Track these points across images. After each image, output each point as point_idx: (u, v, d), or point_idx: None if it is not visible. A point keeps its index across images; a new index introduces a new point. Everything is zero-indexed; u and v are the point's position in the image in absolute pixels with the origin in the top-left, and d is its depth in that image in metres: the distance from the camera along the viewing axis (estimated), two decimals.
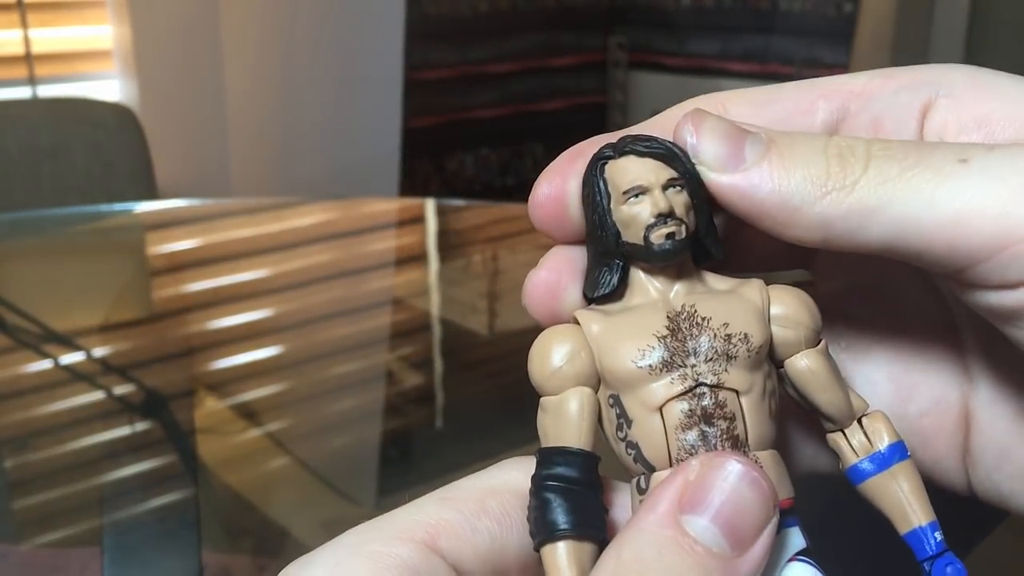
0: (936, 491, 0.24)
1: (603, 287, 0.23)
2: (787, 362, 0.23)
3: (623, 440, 0.22)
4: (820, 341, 0.23)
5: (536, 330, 0.24)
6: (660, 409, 0.22)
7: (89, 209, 1.28)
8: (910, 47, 2.38)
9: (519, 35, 2.38)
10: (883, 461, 0.23)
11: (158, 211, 1.29)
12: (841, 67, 2.20)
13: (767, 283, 0.24)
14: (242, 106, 1.82)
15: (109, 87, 1.73)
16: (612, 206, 0.23)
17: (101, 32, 1.72)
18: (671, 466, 0.22)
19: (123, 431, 0.74)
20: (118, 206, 1.29)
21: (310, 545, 0.21)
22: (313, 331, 0.95)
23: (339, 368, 0.86)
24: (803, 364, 0.23)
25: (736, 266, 0.26)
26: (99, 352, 0.88)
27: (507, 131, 2.41)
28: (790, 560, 0.22)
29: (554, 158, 0.26)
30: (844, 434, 0.24)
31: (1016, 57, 2.34)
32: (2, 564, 0.58)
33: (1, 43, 1.63)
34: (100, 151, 1.33)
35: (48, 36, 1.67)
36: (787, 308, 0.23)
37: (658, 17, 2.49)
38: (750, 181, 0.22)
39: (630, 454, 0.22)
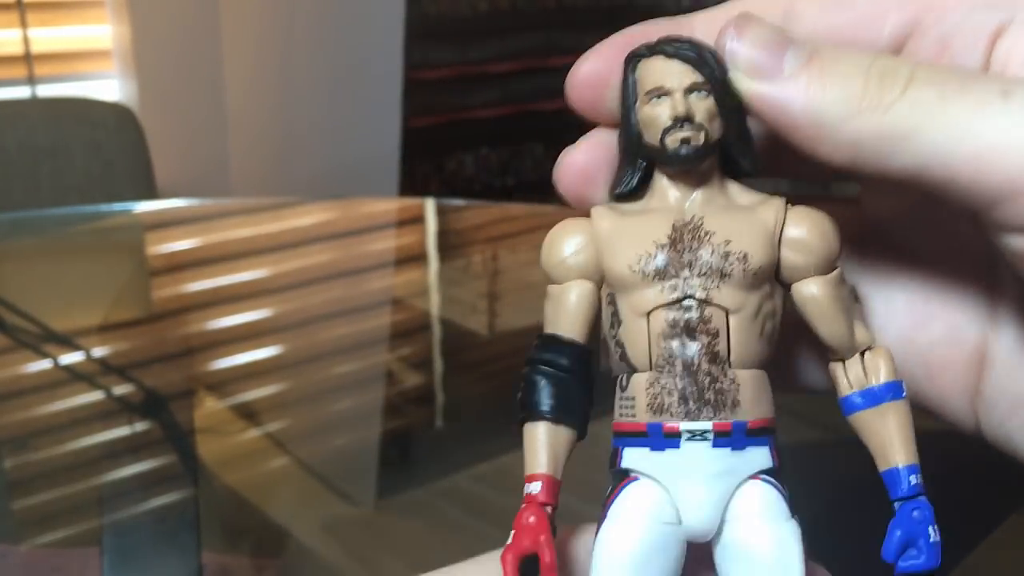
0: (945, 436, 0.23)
1: (624, 185, 0.24)
2: (794, 287, 0.23)
3: (614, 338, 0.23)
4: (834, 269, 0.23)
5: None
6: (647, 315, 0.22)
7: (89, 209, 1.28)
8: None
9: (519, 35, 2.37)
10: (875, 397, 0.23)
11: (158, 211, 1.29)
12: None
13: (793, 202, 0.23)
14: (242, 106, 1.82)
15: (109, 87, 1.73)
16: (637, 105, 0.23)
17: (101, 32, 1.72)
18: (651, 370, 0.22)
19: (123, 431, 0.74)
20: (118, 206, 1.29)
21: (310, 545, 0.21)
22: (313, 331, 0.95)
23: (339, 368, 0.86)
24: (808, 291, 0.23)
25: (785, 173, 0.26)
26: (99, 352, 0.88)
27: (507, 131, 2.40)
28: (752, 477, 0.22)
29: (554, 158, 0.26)
30: (844, 365, 0.24)
31: None
32: (1, 564, 0.58)
33: (1, 43, 1.63)
34: (100, 151, 1.33)
35: (48, 36, 1.67)
36: (801, 232, 0.23)
37: (658, 17, 2.49)
38: (784, 92, 0.21)
39: (617, 352, 0.23)
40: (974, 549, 0.50)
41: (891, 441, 0.23)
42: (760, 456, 0.22)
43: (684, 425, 0.22)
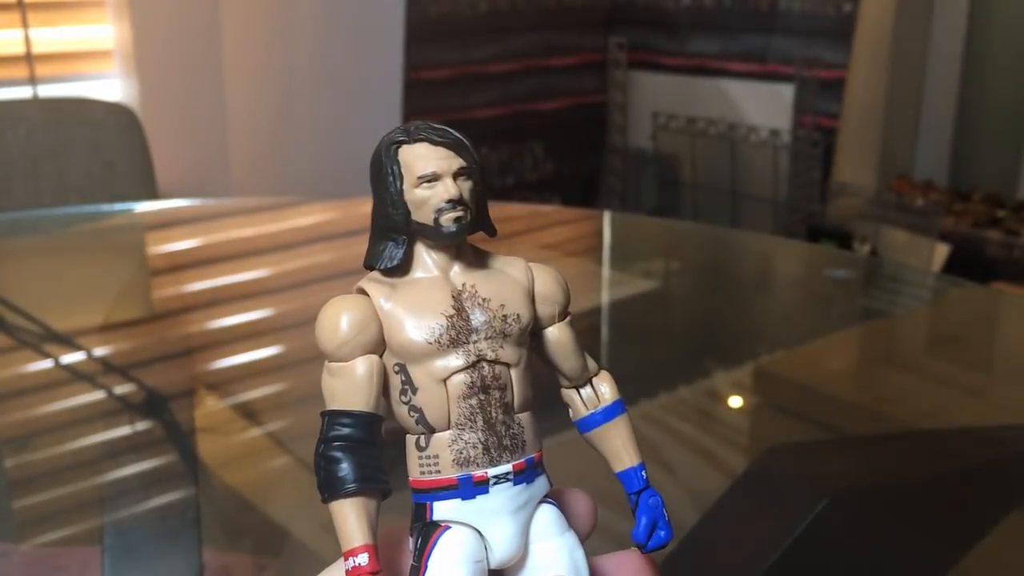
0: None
1: (390, 260, 0.26)
2: (544, 332, 0.27)
3: (406, 404, 0.25)
4: (568, 315, 0.27)
5: None
6: (445, 381, 0.24)
7: (89, 209, 1.28)
8: (909, 47, 2.38)
9: (519, 35, 2.38)
10: (606, 413, 0.27)
11: (158, 211, 1.29)
12: (840, 67, 2.20)
13: (528, 262, 0.27)
14: (242, 106, 1.82)
15: (109, 87, 1.73)
16: (405, 188, 0.26)
17: (101, 32, 1.72)
18: (451, 428, 0.24)
19: (123, 431, 0.74)
20: (118, 206, 1.29)
21: (310, 545, 0.21)
22: (313, 331, 0.95)
23: None
24: (555, 336, 0.27)
25: None
26: (100, 352, 0.88)
27: (507, 131, 2.41)
28: (540, 502, 0.26)
29: (554, 158, 0.26)
30: (578, 390, 0.27)
31: (1015, 57, 2.34)
32: (3, 563, 0.58)
33: (1, 43, 1.63)
34: (100, 151, 1.33)
35: (48, 36, 1.67)
36: (547, 287, 0.26)
37: (658, 17, 2.49)
38: None
39: (413, 416, 0.25)
40: (973, 549, 0.50)
41: (624, 447, 0.27)
42: (542, 483, 0.26)
43: (491, 471, 0.24)
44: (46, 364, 0.85)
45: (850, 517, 0.46)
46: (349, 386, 0.25)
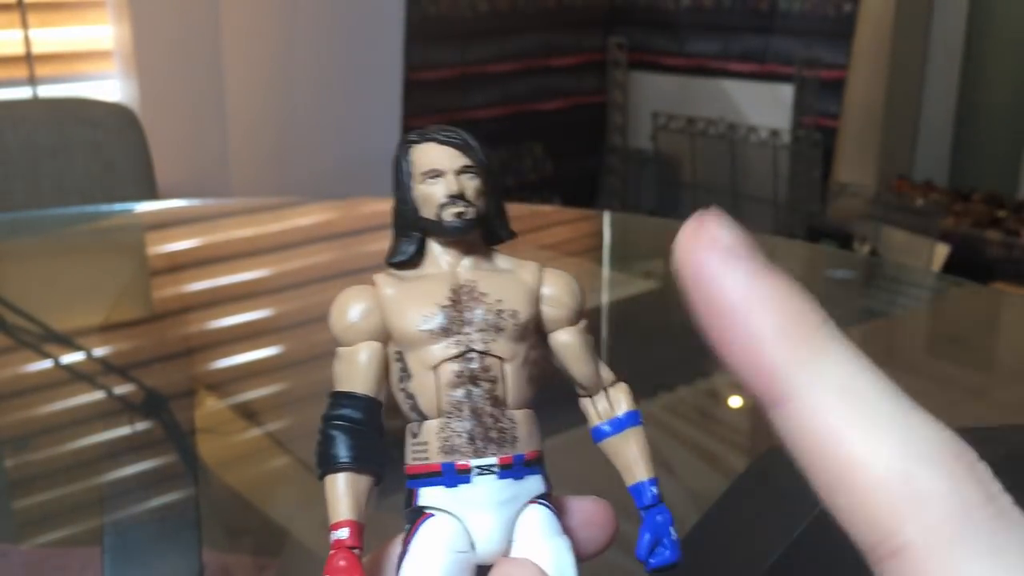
0: None
1: (401, 255, 0.27)
2: (551, 335, 0.27)
3: (403, 390, 0.26)
4: (580, 321, 0.27)
5: None
6: (435, 368, 0.25)
7: (89, 209, 1.28)
8: (909, 47, 2.38)
9: (519, 35, 2.38)
10: (619, 425, 0.27)
11: (158, 211, 1.29)
12: (840, 67, 2.20)
13: (543, 266, 0.27)
14: (242, 106, 1.82)
15: (109, 87, 1.73)
16: (413, 184, 0.26)
17: (101, 32, 1.72)
18: (440, 417, 0.25)
19: (123, 431, 0.74)
20: (118, 206, 1.29)
21: (310, 545, 0.21)
22: (313, 331, 0.95)
23: None
24: (563, 339, 0.27)
25: None
26: (99, 352, 0.88)
27: (507, 131, 2.41)
28: (531, 502, 0.25)
29: (554, 158, 0.26)
30: (592, 400, 0.27)
31: (1014, 58, 2.34)
32: (3, 563, 0.58)
33: (1, 43, 1.63)
34: (100, 151, 1.33)
35: (48, 36, 1.67)
36: (555, 290, 0.27)
37: (658, 17, 2.49)
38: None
39: (408, 403, 0.26)
40: None
41: (635, 461, 0.27)
42: (535, 483, 0.26)
43: (474, 462, 0.25)
44: (46, 364, 0.85)
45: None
46: (351, 370, 0.26)
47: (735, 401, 0.81)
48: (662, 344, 0.91)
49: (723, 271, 0.19)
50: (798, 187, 2.26)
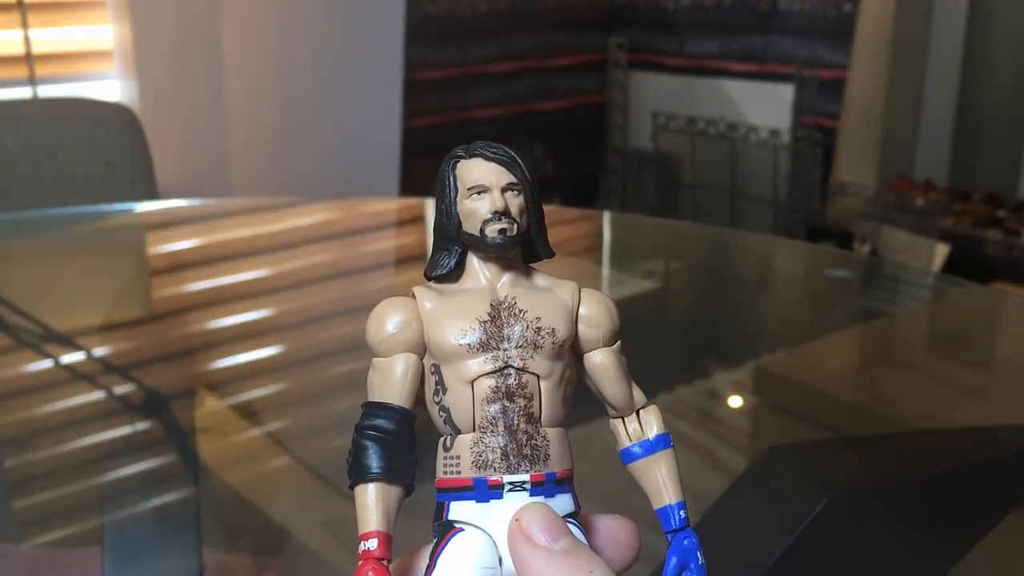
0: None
1: (441, 268, 0.27)
2: (586, 356, 0.27)
3: (438, 404, 0.26)
4: (616, 342, 0.27)
5: None
6: (472, 383, 0.25)
7: (89, 209, 1.28)
8: (909, 47, 2.38)
9: (519, 35, 2.38)
10: (649, 447, 0.27)
11: (158, 211, 1.29)
12: (840, 67, 2.20)
13: (581, 287, 0.27)
14: (242, 106, 1.82)
15: (109, 87, 1.73)
16: (458, 199, 0.26)
17: (101, 32, 1.72)
18: (474, 431, 0.25)
19: (123, 431, 0.75)
20: (118, 206, 1.29)
21: (310, 545, 0.21)
22: (313, 331, 0.95)
23: (339, 368, 0.86)
24: (598, 359, 0.27)
25: None
26: (99, 352, 0.88)
27: (507, 131, 2.41)
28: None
29: (554, 158, 0.27)
30: (623, 421, 0.27)
31: (1014, 57, 2.34)
32: (3, 563, 0.58)
33: (1, 43, 1.63)
34: (100, 151, 1.33)
35: (48, 36, 1.67)
36: (592, 310, 0.27)
37: (658, 17, 2.49)
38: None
39: (442, 416, 0.26)
40: (974, 548, 0.50)
41: (664, 484, 0.27)
42: (565, 501, 0.26)
43: (507, 478, 0.25)
44: (46, 364, 0.85)
45: (850, 517, 0.46)
46: (386, 381, 0.26)
47: (735, 401, 0.81)
48: (662, 344, 0.91)
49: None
50: (798, 187, 2.26)
